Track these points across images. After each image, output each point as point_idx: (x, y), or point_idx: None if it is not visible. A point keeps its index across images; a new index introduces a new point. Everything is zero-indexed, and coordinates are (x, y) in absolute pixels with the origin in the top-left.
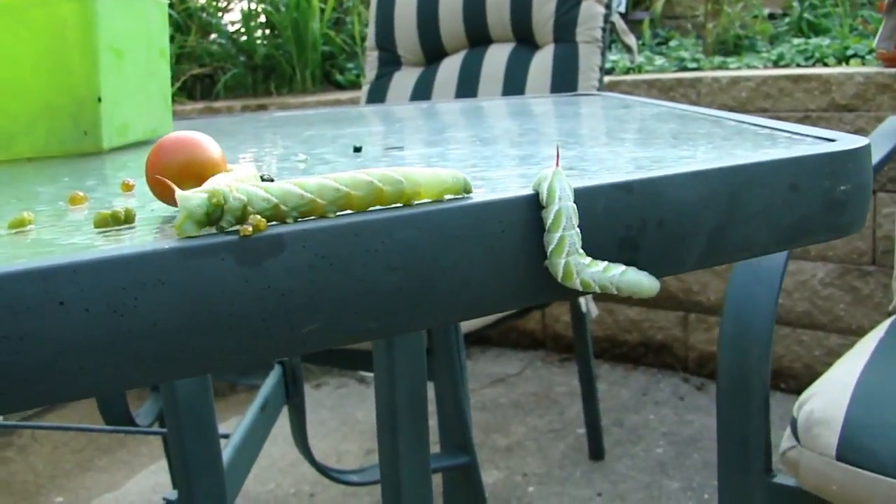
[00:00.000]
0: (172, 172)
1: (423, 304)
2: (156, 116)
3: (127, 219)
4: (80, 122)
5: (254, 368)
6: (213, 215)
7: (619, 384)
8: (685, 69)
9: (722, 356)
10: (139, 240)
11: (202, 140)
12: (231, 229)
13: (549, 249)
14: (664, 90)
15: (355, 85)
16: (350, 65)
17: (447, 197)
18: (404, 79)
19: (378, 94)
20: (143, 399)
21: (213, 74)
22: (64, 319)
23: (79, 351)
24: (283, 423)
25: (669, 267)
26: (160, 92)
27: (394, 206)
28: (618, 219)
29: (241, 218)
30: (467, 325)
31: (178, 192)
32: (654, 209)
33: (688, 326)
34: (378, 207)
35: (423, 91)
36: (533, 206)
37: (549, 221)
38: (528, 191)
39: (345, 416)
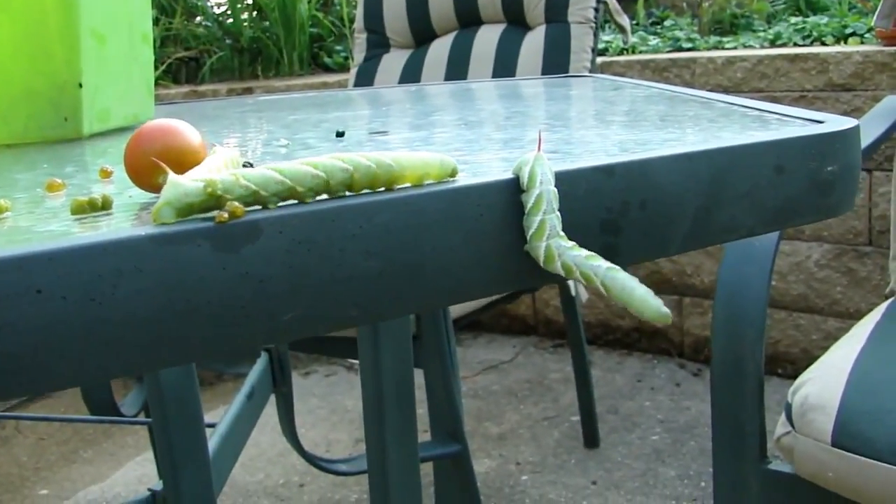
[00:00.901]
0: (151, 160)
1: (404, 289)
2: (138, 102)
3: (104, 205)
4: (61, 107)
5: (240, 357)
6: (205, 205)
7: (613, 370)
8: (680, 49)
9: (715, 340)
10: (116, 227)
11: (181, 127)
12: (208, 215)
13: (530, 233)
14: (658, 71)
15: (344, 68)
16: (338, 47)
17: (428, 182)
18: (393, 61)
19: (366, 77)
20: (128, 389)
21: (198, 58)
22: (42, 308)
23: (57, 340)
24: (271, 412)
25: (654, 249)
26: (142, 77)
27: (375, 190)
28: (599, 201)
29: (254, 202)
30: (456, 310)
31: (171, 176)
32: (636, 192)
33: (683, 311)
34: (362, 192)
35: (412, 73)
36: (513, 190)
37: (529, 205)
38: (509, 175)
39: (334, 405)
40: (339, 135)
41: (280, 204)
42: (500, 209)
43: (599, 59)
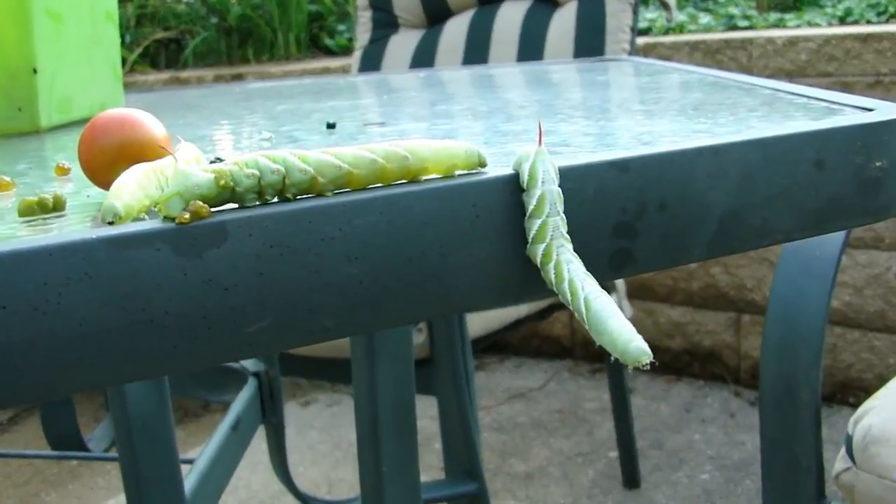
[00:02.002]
0: (109, 154)
1: (387, 299)
2: (103, 89)
3: (56, 206)
4: (13, 97)
5: (226, 382)
6: (218, 198)
7: (658, 399)
8: (735, 28)
9: (765, 362)
10: (69, 229)
11: (142, 118)
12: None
13: (531, 236)
14: (710, 53)
15: (347, 50)
16: (341, 27)
17: (457, 173)
18: (403, 43)
19: (372, 61)
20: (97, 421)
21: (180, 39)
22: None
23: None
24: (265, 448)
25: (674, 255)
26: (108, 61)
27: (362, 187)
28: (612, 202)
29: (260, 194)
30: (476, 329)
31: (179, 166)
32: (654, 190)
33: (740, 330)
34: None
35: (425, 57)
36: (514, 188)
37: (530, 206)
38: (508, 171)
39: (337, 439)
40: (330, 126)
41: (255, 203)
42: (498, 210)
43: (641, 41)
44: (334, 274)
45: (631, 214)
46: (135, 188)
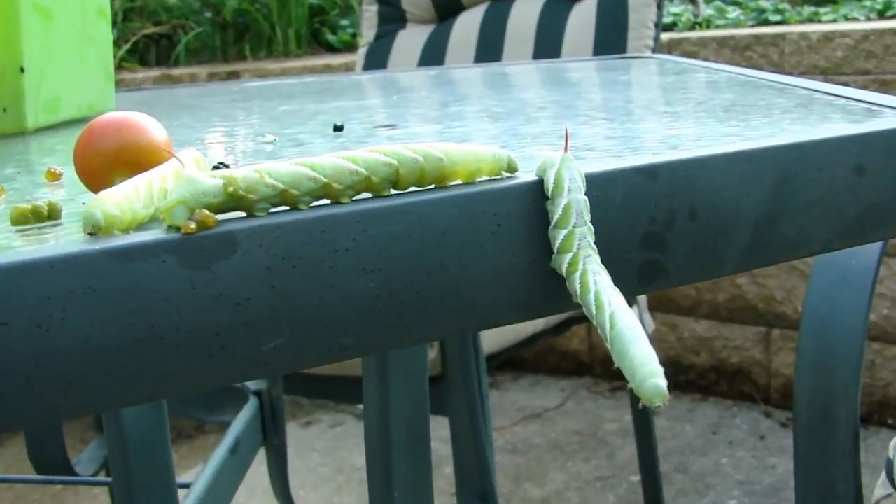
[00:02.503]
0: (106, 158)
1: (405, 315)
2: (94, 89)
3: (51, 214)
4: None
5: (225, 402)
6: (224, 206)
7: (683, 420)
8: (766, 23)
9: (800, 381)
10: (66, 239)
11: (142, 121)
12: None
13: (556, 246)
14: (739, 50)
15: (351, 47)
16: (344, 21)
17: (482, 179)
18: (411, 39)
19: (378, 59)
20: (85, 442)
21: (171, 34)
22: None
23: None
24: (264, 471)
25: (705, 267)
26: (99, 59)
27: (381, 194)
28: (640, 210)
29: (281, 202)
30: (490, 345)
31: (184, 171)
32: (684, 198)
33: (770, 346)
34: (368, 196)
35: (434, 54)
36: (537, 195)
37: (556, 216)
38: (532, 177)
39: (340, 462)
40: (338, 129)
41: (272, 210)
42: (521, 218)
43: (666, 36)
44: (350, 287)
45: (660, 224)
46: (120, 198)
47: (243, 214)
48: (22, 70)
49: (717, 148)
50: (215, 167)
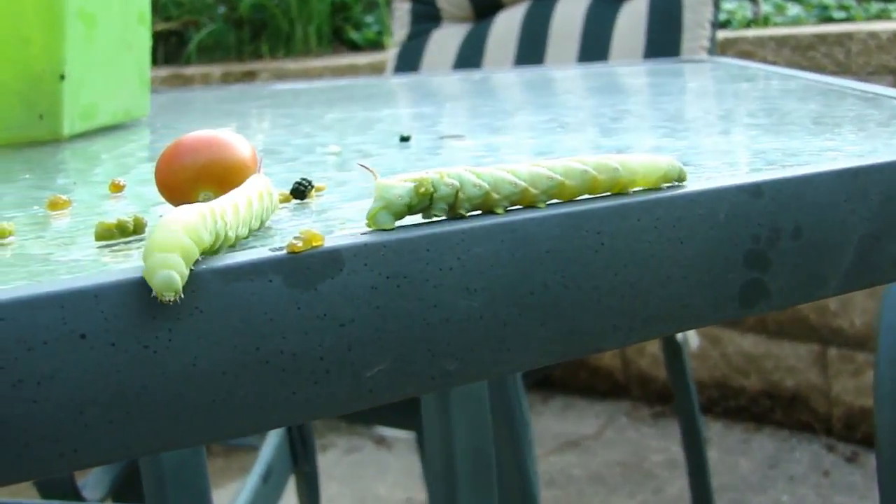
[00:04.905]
0: (191, 174)
1: (509, 338)
2: (130, 95)
3: (136, 229)
4: (34, 103)
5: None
6: (417, 207)
7: (736, 452)
8: (830, 21)
9: (880, 413)
10: None
11: (231, 139)
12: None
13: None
14: (800, 50)
15: (375, 45)
16: (368, 18)
17: (663, 185)
18: (446, 39)
19: (411, 60)
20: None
21: (182, 31)
22: (86, 356)
23: (106, 397)
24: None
25: (809, 288)
26: (137, 66)
27: (485, 213)
28: (743, 228)
29: (454, 205)
30: None
31: (378, 180)
32: (788, 216)
33: (828, 368)
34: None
35: (471, 55)
36: (640, 214)
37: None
38: (644, 196)
39: (361, 491)
40: (404, 139)
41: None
42: (623, 237)
43: (720, 35)
44: (453, 308)
45: (764, 242)
46: (188, 245)
47: (348, 233)
48: (62, 77)
49: (821, 165)
50: (297, 184)
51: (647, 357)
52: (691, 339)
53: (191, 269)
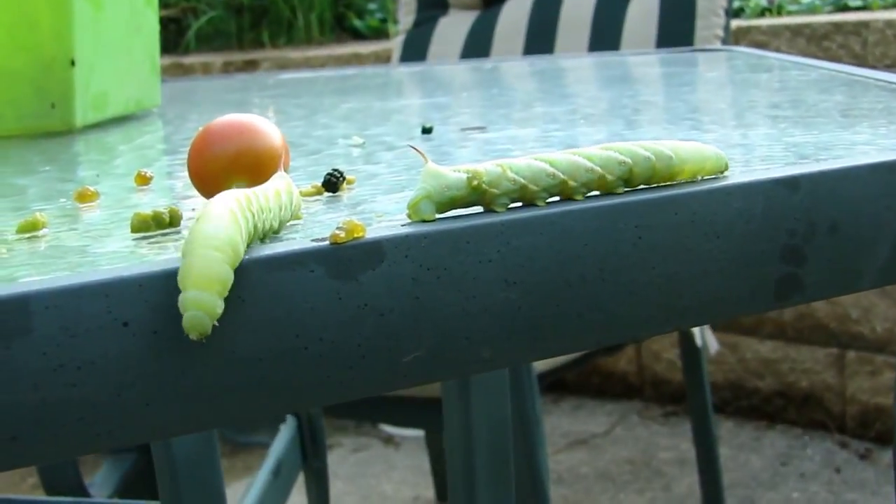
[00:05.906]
0: (222, 162)
1: (546, 327)
2: (140, 83)
3: (172, 221)
4: (46, 91)
5: (261, 422)
6: (465, 200)
7: (748, 449)
8: (846, 9)
9: None
10: None
11: (260, 124)
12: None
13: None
14: (815, 39)
15: (379, 33)
16: (372, 5)
17: (702, 177)
18: (453, 27)
19: (417, 48)
20: (97, 465)
21: (180, 18)
22: (129, 343)
23: (145, 381)
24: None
25: (843, 283)
26: (146, 52)
27: (614, 192)
28: (780, 222)
29: (519, 198)
30: (539, 364)
31: (429, 166)
32: (824, 211)
33: (845, 369)
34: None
35: (478, 44)
36: (678, 209)
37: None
38: (679, 189)
39: (367, 489)
40: (426, 131)
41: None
42: (661, 231)
43: (733, 23)
44: (491, 299)
45: (799, 237)
46: (226, 276)
47: (393, 223)
48: (73, 63)
49: (856, 158)
50: (329, 174)
51: (662, 362)
52: (710, 343)
53: None
